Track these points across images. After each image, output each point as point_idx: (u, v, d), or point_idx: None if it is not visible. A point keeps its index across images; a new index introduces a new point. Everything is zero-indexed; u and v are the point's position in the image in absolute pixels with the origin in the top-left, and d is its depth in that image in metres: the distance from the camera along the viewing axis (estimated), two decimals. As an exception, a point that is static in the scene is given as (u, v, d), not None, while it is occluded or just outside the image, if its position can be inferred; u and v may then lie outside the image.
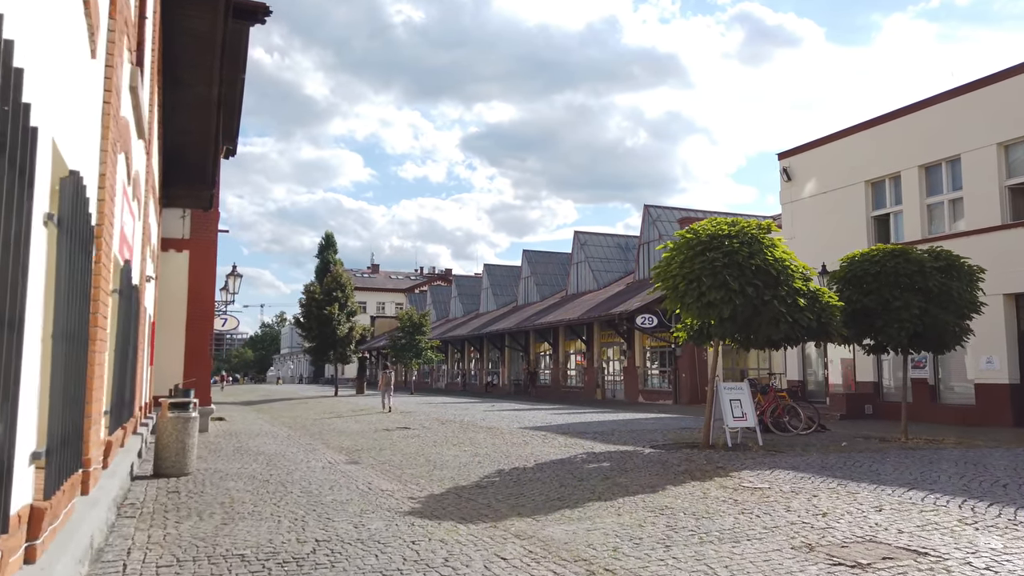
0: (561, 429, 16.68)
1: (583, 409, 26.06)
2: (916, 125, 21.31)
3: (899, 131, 21.86)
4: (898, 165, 21.78)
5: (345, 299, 39.49)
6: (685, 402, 30.25)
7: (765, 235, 11.41)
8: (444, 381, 59.27)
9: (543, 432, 15.79)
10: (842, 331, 11.86)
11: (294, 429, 18.02)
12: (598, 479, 9.02)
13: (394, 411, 24.36)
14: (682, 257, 11.39)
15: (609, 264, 43.61)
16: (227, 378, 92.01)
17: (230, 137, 27.85)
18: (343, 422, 20.03)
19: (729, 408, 11.96)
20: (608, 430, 16.31)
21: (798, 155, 25.48)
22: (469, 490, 8.55)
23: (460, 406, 27.92)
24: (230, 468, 10.36)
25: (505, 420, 19.57)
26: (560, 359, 41.22)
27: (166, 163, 14.18)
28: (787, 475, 9.11)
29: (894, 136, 22.00)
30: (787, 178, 25.58)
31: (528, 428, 16.96)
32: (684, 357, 30.75)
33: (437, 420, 19.83)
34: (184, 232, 16.81)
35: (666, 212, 37.48)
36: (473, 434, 15.59)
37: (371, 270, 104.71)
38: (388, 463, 11.09)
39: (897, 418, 22.07)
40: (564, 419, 20.21)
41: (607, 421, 19.46)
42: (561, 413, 23.24)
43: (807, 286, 11.66)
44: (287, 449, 13.08)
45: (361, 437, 15.37)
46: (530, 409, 25.75)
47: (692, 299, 11.22)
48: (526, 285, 50.09)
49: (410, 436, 15.35)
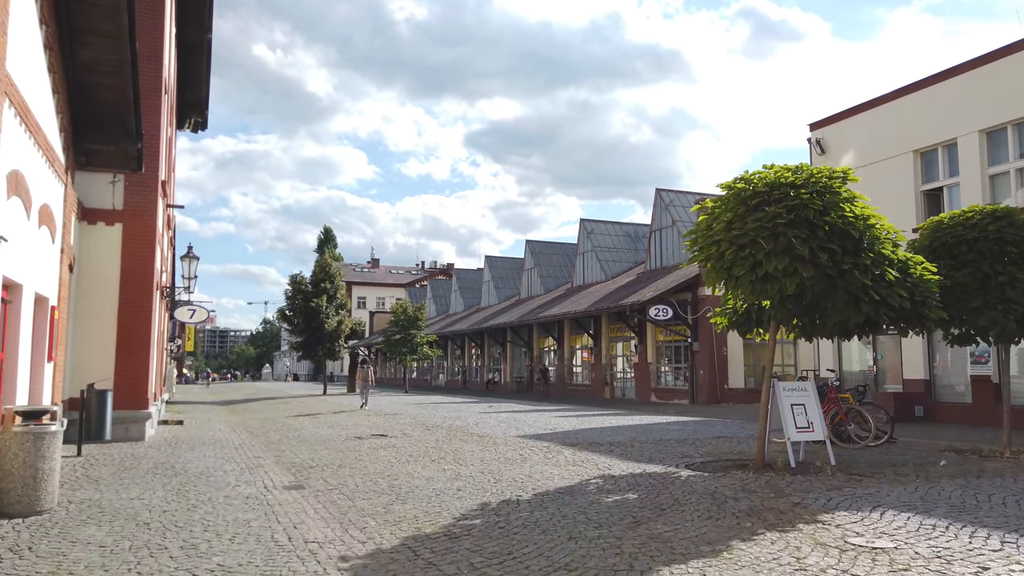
0: (567, 438, 13.82)
1: (591, 410, 23.18)
2: (977, 84, 18.37)
3: (955, 92, 18.92)
4: (954, 131, 18.85)
5: (334, 291, 36.54)
6: (703, 401, 27.37)
7: (842, 185, 8.54)
8: (444, 379, 56.40)
9: (545, 443, 12.94)
10: (941, 314, 8.96)
11: (254, 435, 15.22)
12: (625, 526, 6.17)
13: (374, 413, 21.55)
14: (729, 216, 8.52)
15: (617, 254, 40.67)
16: (211, 375, 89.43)
17: (198, 108, 25.12)
18: (315, 426, 17.22)
19: (791, 415, 9.07)
20: (625, 439, 13.45)
21: (833, 124, 22.55)
22: (433, 542, 5.73)
23: (455, 407, 25.08)
24: (114, 500, 7.55)
25: (502, 425, 16.72)
26: (565, 355, 38.33)
27: (76, 110, 11.36)
28: (905, 520, 6.21)
29: (949, 98, 19.06)
30: (820, 151, 22.64)
31: (527, 437, 14.11)
32: (702, 352, 27.86)
33: (422, 425, 16.98)
34: (115, 202, 13.98)
35: (680, 196, 34.55)
36: (460, 444, 12.75)
37: (371, 264, 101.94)
38: (339, 489, 8.29)
39: (953, 421, 19.22)
40: (570, 423, 17.34)
41: (622, 426, 16.59)
42: (567, 415, 20.38)
43: (896, 253, 8.78)
44: (223, 466, 10.28)
45: (325, 447, 12.55)
46: (532, 410, 22.89)
47: (743, 271, 8.34)
48: (529, 277, 47.16)
49: (383, 447, 12.52)
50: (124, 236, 14.05)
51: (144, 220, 14.26)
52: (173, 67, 19.35)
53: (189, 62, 21.47)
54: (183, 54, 20.95)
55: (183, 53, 20.91)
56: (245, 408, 26.54)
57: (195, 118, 24.88)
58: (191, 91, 23.04)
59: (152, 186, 14.42)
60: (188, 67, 21.68)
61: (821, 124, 23.04)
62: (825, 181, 8.40)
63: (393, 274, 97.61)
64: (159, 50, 14.59)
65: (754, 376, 29.09)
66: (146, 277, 14.19)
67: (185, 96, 23.58)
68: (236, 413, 23.53)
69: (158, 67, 14.56)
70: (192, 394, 41.38)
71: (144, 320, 14.10)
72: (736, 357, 28.10)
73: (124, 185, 14.14)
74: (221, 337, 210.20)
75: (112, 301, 13.81)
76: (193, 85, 22.64)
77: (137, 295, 14.03)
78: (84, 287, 13.56)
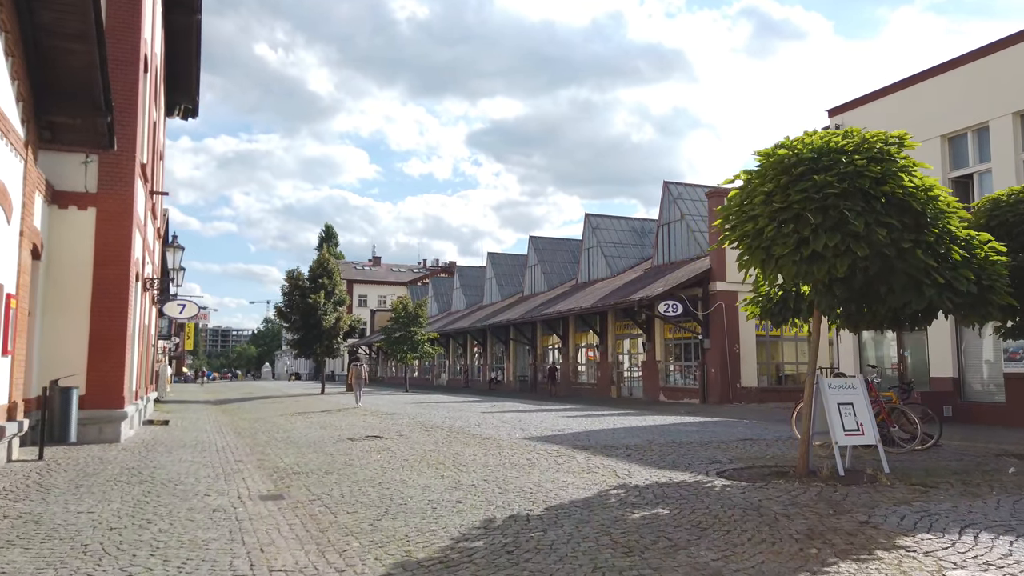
0: (578, 440, 12.72)
1: (599, 409, 22.09)
2: (1010, 64, 17.26)
3: (986, 73, 17.80)
4: (985, 114, 17.75)
5: (332, 287, 35.38)
6: (715, 401, 26.26)
7: (898, 150, 7.43)
8: (446, 378, 55.29)
9: (555, 446, 11.85)
10: (1010, 300, 7.83)
11: (241, 436, 14.16)
12: (660, 552, 5.07)
13: (371, 412, 20.49)
14: (769, 187, 7.40)
15: (623, 249, 39.54)
16: (204, 374, 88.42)
17: (188, 94, 24.08)
18: (307, 426, 16.15)
19: (838, 416, 7.95)
20: (642, 442, 12.35)
21: (854, 110, 21.42)
22: (426, 572, 4.65)
23: (456, 406, 23.99)
24: (58, 515, 6.47)
25: (506, 426, 15.61)
26: (570, 353, 37.21)
27: (37, 78, 10.29)
28: (1008, 545, 5.04)
29: (979, 80, 17.94)
30: (841, 137, 21.52)
31: (535, 439, 13.01)
32: (713, 350, 26.74)
33: (421, 426, 15.89)
34: (88, 184, 12.89)
35: (688, 189, 33.40)
36: (461, 447, 11.65)
37: (372, 263, 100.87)
38: (323, 499, 7.21)
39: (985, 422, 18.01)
40: (580, 424, 16.25)
41: (635, 428, 15.48)
42: (575, 415, 19.29)
43: (961, 229, 7.66)
44: (197, 471, 9.20)
45: (313, 450, 11.48)
46: (537, 410, 21.79)
47: (786, 249, 7.23)
48: (533, 274, 46.05)
49: (377, 449, 11.44)
50: (98, 220, 12.96)
51: (119, 203, 13.17)
52: (160, 48, 18.30)
53: (178, 47, 20.48)
54: (172, 39, 19.97)
55: (172, 38, 19.93)
56: (238, 408, 25.48)
57: (185, 104, 23.86)
58: (181, 76, 22.05)
59: (129, 167, 13.33)
60: (177, 52, 20.69)
61: (841, 109, 21.91)
62: (880, 146, 7.29)
63: (395, 272, 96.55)
64: (136, 20, 13.51)
65: (767, 375, 27.96)
66: (121, 264, 13.10)
67: (175, 82, 22.61)
68: (227, 413, 22.47)
69: (135, 39, 13.49)
70: (187, 393, 40.32)
71: (120, 312, 13.01)
72: (749, 355, 26.98)
73: (98, 166, 13.04)
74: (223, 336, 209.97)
75: (85, 291, 12.73)
76: (183, 70, 21.64)
77: (112, 284, 12.95)
78: (54, 275, 12.48)
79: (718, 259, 26.80)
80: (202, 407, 26.08)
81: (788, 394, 27.37)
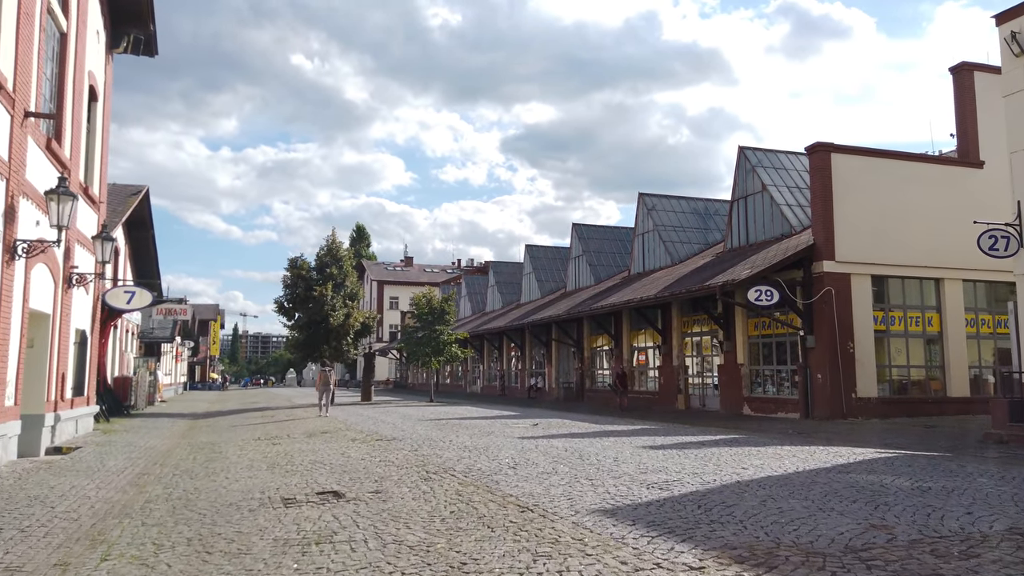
0: (718, 524, 6.71)
1: (681, 431, 15.96)
2: None
3: None
4: None
5: (343, 277, 29.69)
6: (822, 416, 19.95)
7: None
8: (480, 384, 49.34)
9: (676, 543, 5.87)
10: None
11: (135, 484, 8.54)
12: None
13: (361, 439, 14.68)
14: None
15: (686, 234, 33.17)
16: (228, 380, 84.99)
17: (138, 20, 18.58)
18: (250, 464, 10.46)
19: None
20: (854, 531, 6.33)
21: (1037, 11, 15.13)
22: None
23: (485, 425, 18.08)
24: None
25: (559, 474, 9.50)
26: (624, 355, 31.06)
27: None
28: None
29: None
30: (1019, 49, 15.23)
31: (622, 518, 6.98)
32: (819, 349, 20.41)
33: (420, 469, 9.93)
34: None
35: (770, 156, 27.07)
36: (476, 541, 5.76)
37: (404, 263, 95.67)
38: None
39: None
40: (680, 464, 10.19)
41: (785, 478, 9.33)
42: (657, 443, 13.20)
43: None
44: None
45: (194, 532, 5.71)
46: (598, 433, 15.75)
47: None
48: (577, 266, 39.94)
49: (312, 538, 5.62)
50: None
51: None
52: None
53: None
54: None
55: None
56: (210, 426, 20.00)
57: (134, 34, 18.47)
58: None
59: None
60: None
61: (1015, 13, 15.59)
62: None
63: (427, 272, 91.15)
64: None
65: (890, 381, 21.58)
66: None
67: (120, 4, 17.32)
68: (185, 435, 16.98)
69: None
70: (184, 403, 35.07)
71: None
72: (867, 356, 20.53)
73: None
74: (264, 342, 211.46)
75: None
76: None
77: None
78: None
79: (825, 232, 20.56)
80: (169, 423, 20.67)
81: (917, 407, 20.99)
